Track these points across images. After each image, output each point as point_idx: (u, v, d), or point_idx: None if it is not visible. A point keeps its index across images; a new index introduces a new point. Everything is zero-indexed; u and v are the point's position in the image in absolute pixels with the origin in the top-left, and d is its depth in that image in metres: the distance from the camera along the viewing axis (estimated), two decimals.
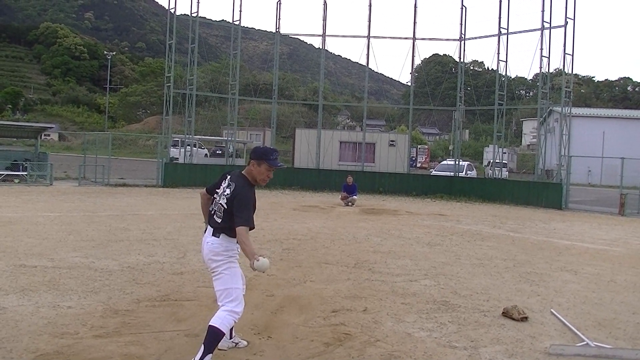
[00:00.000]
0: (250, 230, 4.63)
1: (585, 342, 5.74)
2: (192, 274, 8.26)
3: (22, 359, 4.76)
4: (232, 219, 4.64)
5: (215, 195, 4.91)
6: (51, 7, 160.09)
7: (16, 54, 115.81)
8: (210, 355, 4.55)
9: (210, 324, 4.61)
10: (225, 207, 4.72)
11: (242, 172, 4.90)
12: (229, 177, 4.92)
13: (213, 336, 4.57)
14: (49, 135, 68.77)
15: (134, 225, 13.11)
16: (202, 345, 4.55)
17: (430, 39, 32.56)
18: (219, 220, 4.76)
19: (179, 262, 9.09)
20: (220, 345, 4.92)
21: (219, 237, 4.76)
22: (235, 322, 4.80)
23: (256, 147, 4.98)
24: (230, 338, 5.22)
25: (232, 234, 4.70)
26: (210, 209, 4.92)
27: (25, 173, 24.10)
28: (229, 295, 4.73)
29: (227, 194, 4.75)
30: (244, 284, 5.11)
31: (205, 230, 4.94)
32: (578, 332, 6.11)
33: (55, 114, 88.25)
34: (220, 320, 4.62)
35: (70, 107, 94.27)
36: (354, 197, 21.35)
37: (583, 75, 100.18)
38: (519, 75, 71.54)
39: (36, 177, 24.48)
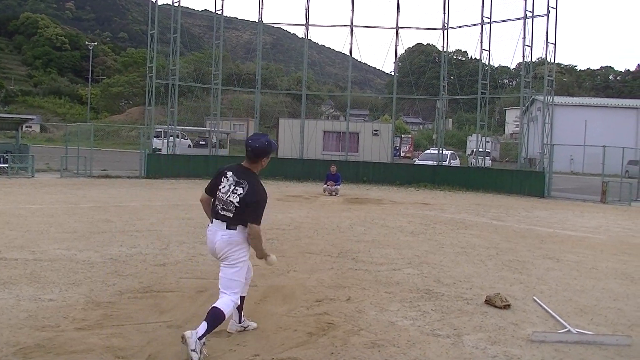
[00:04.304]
0: None
1: (567, 329, 5.78)
2: (174, 265, 8.23)
3: (2, 352, 4.71)
4: (243, 215, 4.87)
5: (218, 193, 5.00)
6: None
7: None
8: (209, 333, 4.78)
9: (215, 306, 4.85)
10: (238, 205, 4.87)
11: (246, 166, 5.02)
12: (230, 172, 5.01)
13: (216, 317, 4.79)
14: (30, 127, 68.02)
15: (117, 216, 13.02)
16: (206, 323, 4.71)
17: (413, 28, 32.59)
18: (231, 215, 4.90)
19: (161, 253, 9.04)
20: (230, 328, 5.30)
21: (235, 230, 4.91)
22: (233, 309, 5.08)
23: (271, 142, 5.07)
24: (240, 322, 5.40)
25: (244, 224, 4.91)
26: (216, 204, 5.02)
27: (6, 165, 23.81)
28: (237, 286, 5.00)
29: (241, 193, 4.88)
30: (251, 275, 5.45)
31: (211, 223, 5.06)
32: (560, 319, 6.16)
33: (37, 105, 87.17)
34: (226, 305, 4.88)
35: (52, 99, 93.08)
36: (338, 186, 21.37)
37: (565, 64, 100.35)
38: (502, 64, 71.90)
39: (17, 169, 24.22)
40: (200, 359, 4.57)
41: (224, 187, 4.97)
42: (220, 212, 4.95)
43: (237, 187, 4.91)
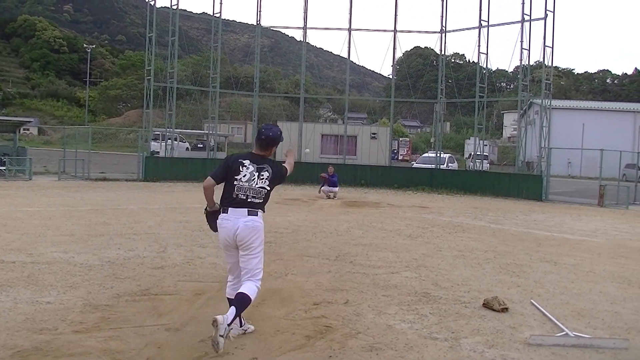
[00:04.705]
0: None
1: (564, 332, 5.79)
2: (172, 268, 8.22)
3: None
4: (269, 194, 5.29)
5: (237, 182, 5.15)
6: None
7: None
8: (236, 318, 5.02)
9: (241, 291, 5.08)
10: (269, 188, 5.24)
11: (259, 153, 5.33)
12: (248, 161, 5.24)
13: (244, 301, 5.05)
14: (28, 129, 67.93)
15: (114, 219, 13.01)
16: (234, 308, 4.93)
17: (411, 32, 32.51)
18: (259, 201, 5.20)
19: (159, 256, 9.03)
20: (231, 333, 5.19)
21: (257, 215, 5.18)
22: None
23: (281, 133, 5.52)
24: (241, 326, 5.42)
25: (263, 209, 5.30)
26: (236, 194, 5.14)
27: (4, 168, 23.79)
28: (260, 273, 5.28)
29: (268, 176, 5.22)
30: None
31: (225, 212, 5.18)
32: (557, 322, 6.16)
33: (35, 108, 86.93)
34: (252, 291, 5.13)
35: (50, 101, 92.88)
36: (335, 189, 21.37)
37: (563, 67, 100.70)
38: (500, 67, 71.70)
39: (15, 172, 24.18)
40: (225, 344, 4.78)
41: (245, 176, 5.18)
42: (246, 199, 5.14)
43: (262, 173, 5.21)
